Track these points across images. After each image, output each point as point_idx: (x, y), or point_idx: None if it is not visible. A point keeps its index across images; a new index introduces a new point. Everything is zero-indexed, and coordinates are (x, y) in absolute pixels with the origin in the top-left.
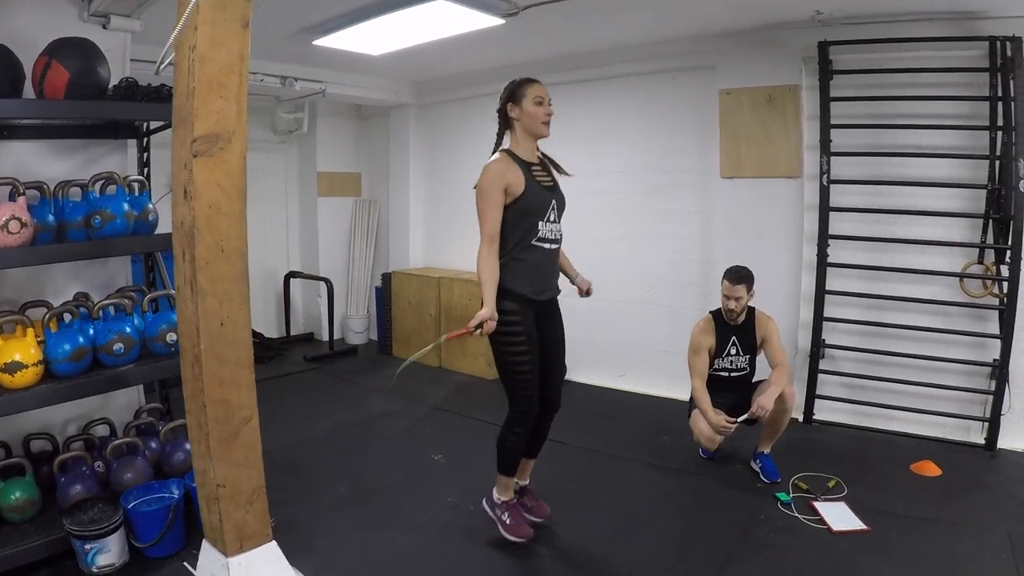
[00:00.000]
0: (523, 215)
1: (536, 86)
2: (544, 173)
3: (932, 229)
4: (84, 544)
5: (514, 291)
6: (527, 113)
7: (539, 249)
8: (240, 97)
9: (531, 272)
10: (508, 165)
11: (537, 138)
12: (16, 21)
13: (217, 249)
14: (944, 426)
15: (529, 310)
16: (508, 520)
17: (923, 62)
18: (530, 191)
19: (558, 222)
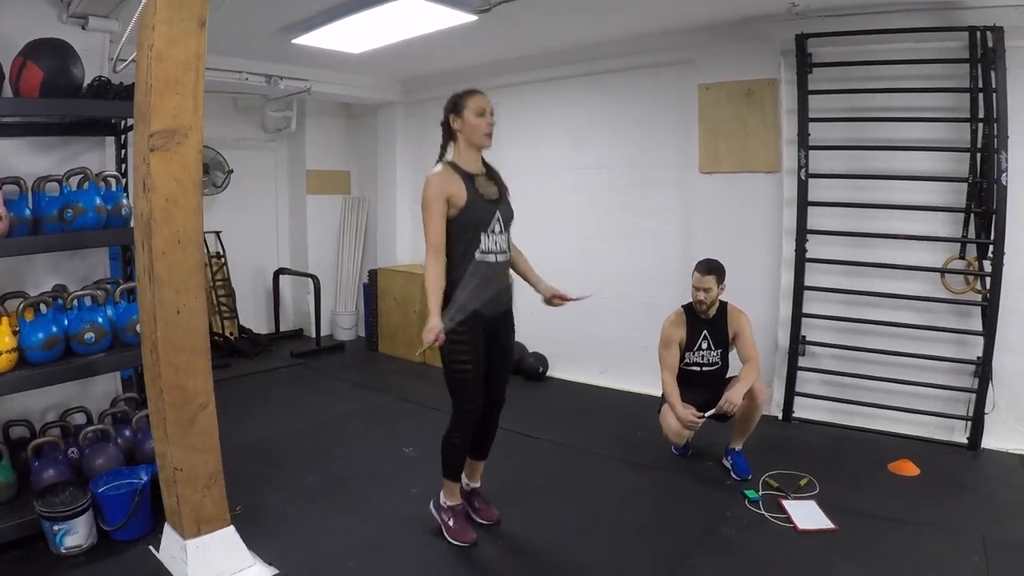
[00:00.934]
0: (465, 228)
1: (477, 97)
2: (490, 184)
3: (913, 224)
4: (53, 525)
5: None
6: (468, 124)
7: (484, 263)
8: (196, 94)
9: (477, 287)
10: (449, 176)
11: (480, 149)
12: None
13: (174, 240)
14: (927, 425)
15: (476, 322)
16: (452, 524)
17: (903, 54)
18: (472, 203)
19: (504, 233)
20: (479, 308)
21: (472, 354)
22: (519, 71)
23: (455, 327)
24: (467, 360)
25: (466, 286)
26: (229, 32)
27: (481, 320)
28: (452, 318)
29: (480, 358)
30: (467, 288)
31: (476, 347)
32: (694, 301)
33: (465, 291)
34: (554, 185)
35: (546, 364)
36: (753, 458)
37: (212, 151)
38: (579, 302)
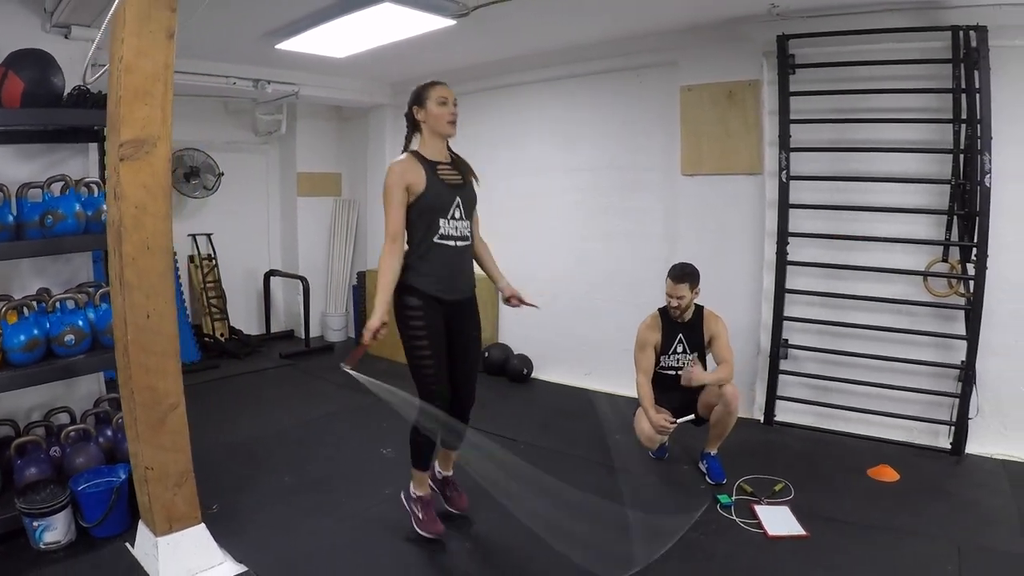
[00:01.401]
0: (424, 212)
1: (439, 87)
2: (452, 171)
3: (896, 226)
4: (33, 521)
5: (418, 289)
6: (431, 114)
7: (443, 247)
8: (165, 104)
9: (436, 271)
10: (410, 165)
11: (444, 137)
12: None
13: (143, 246)
14: (910, 430)
15: (435, 307)
16: (421, 515)
17: (886, 54)
18: (431, 189)
19: (464, 219)
20: (434, 292)
21: (429, 339)
22: (507, 73)
23: (411, 308)
24: (425, 347)
25: (424, 272)
26: (215, 38)
27: (440, 306)
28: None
29: (440, 344)
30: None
31: (433, 331)
32: (668, 307)
33: (423, 277)
34: (543, 187)
35: (530, 366)
36: (731, 462)
37: (202, 154)
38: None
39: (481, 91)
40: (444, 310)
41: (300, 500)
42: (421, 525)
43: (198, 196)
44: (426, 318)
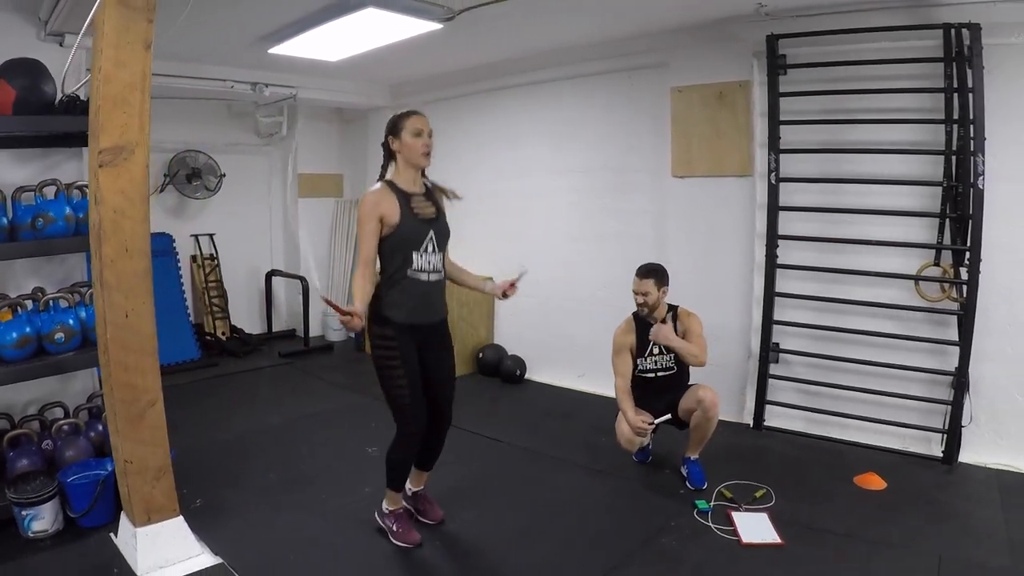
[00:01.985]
0: (397, 246)
1: (415, 118)
2: (427, 203)
3: (887, 229)
4: (21, 511)
5: (391, 320)
6: (406, 145)
7: (415, 281)
8: (143, 112)
9: (408, 302)
10: (384, 196)
11: (418, 168)
12: None
13: (122, 249)
14: (903, 437)
15: (407, 336)
16: (396, 528)
17: (877, 54)
18: (404, 223)
19: (437, 252)
20: (406, 320)
21: (403, 367)
22: (500, 76)
23: (385, 338)
24: (400, 376)
25: (398, 303)
26: (211, 43)
27: (413, 332)
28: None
29: (414, 371)
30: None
31: (407, 359)
32: (636, 305)
33: (396, 308)
34: (536, 188)
35: (524, 367)
36: (716, 467)
37: (204, 156)
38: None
39: (476, 94)
40: (417, 336)
41: (282, 496)
42: (397, 536)
43: (200, 197)
44: (400, 347)
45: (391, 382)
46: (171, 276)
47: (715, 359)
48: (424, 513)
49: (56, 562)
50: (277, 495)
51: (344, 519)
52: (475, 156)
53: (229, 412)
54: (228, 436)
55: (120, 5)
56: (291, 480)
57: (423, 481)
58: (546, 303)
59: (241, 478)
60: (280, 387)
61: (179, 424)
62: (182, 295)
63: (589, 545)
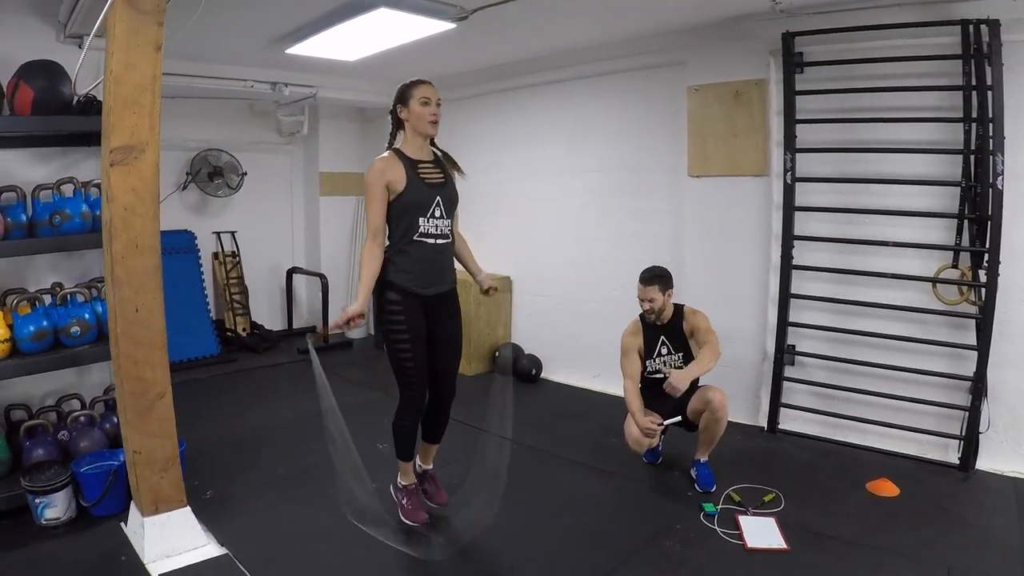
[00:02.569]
0: (404, 211)
1: (423, 87)
2: (435, 170)
3: (904, 230)
4: (35, 498)
5: (397, 284)
6: (414, 113)
7: (422, 244)
8: (153, 112)
9: (415, 267)
10: (391, 163)
11: (426, 137)
12: (1, 46)
13: (132, 245)
14: (920, 443)
15: (414, 302)
16: (406, 503)
17: (894, 51)
18: (411, 188)
19: (445, 218)
20: (413, 287)
21: (409, 331)
22: (518, 75)
23: (391, 303)
24: (405, 341)
25: (403, 267)
26: (229, 44)
27: (419, 299)
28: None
29: (419, 336)
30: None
31: (413, 324)
32: (643, 311)
33: (402, 272)
34: (551, 188)
35: (540, 366)
36: (727, 470)
37: (227, 154)
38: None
39: (493, 93)
40: (424, 304)
41: (291, 489)
42: (405, 513)
43: (221, 195)
44: (405, 312)
45: (395, 347)
46: (192, 273)
47: (730, 360)
48: (430, 495)
49: (67, 549)
50: (286, 489)
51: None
52: (493, 156)
53: (245, 407)
54: (242, 430)
55: (130, 8)
56: (300, 474)
57: (431, 457)
58: (562, 303)
59: (252, 471)
60: (297, 383)
61: (194, 418)
62: (203, 291)
63: (590, 545)
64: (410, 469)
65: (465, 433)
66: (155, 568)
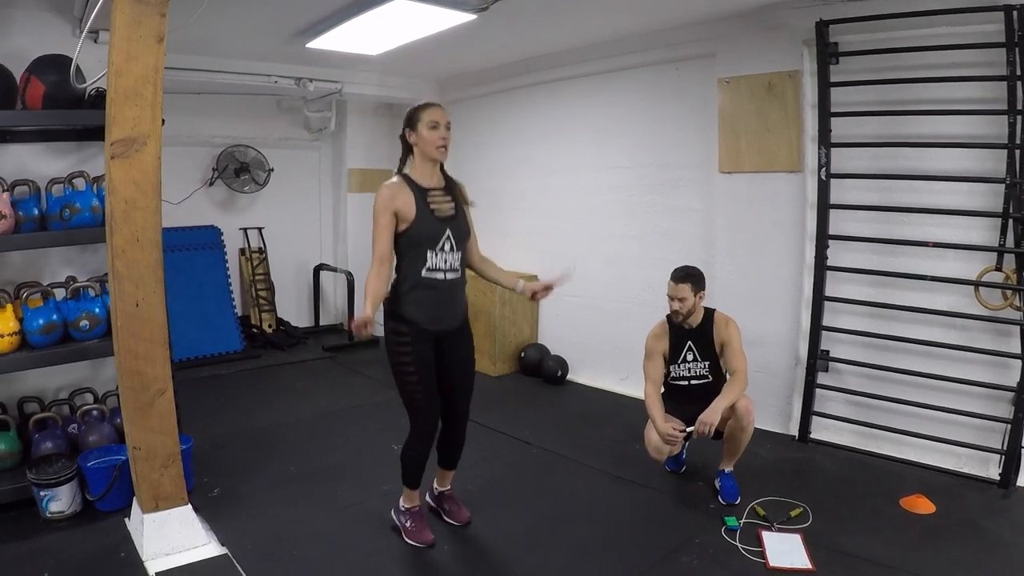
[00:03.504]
0: (412, 244)
1: (431, 110)
2: (445, 199)
3: (945, 230)
4: (40, 491)
5: (407, 318)
6: (422, 138)
7: (432, 281)
8: (155, 104)
9: (424, 304)
10: (400, 190)
11: (435, 162)
12: (17, 40)
13: (133, 239)
14: (958, 456)
15: (424, 335)
16: (410, 526)
17: (934, 40)
18: (420, 219)
19: (456, 251)
20: (423, 323)
21: (416, 365)
22: (546, 69)
23: (400, 335)
24: (413, 374)
25: (412, 302)
26: (250, 38)
27: (427, 334)
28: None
29: (428, 366)
30: (412, 304)
31: (421, 359)
32: (670, 310)
33: (411, 307)
34: (579, 185)
35: (566, 368)
36: (753, 481)
37: (253, 150)
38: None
39: (522, 88)
40: (434, 336)
41: (300, 489)
42: (410, 535)
43: (248, 191)
44: (414, 345)
45: (404, 379)
46: (218, 268)
47: (761, 366)
48: (451, 514)
49: (68, 542)
50: (294, 488)
51: (356, 516)
52: (520, 152)
53: (263, 404)
54: (257, 427)
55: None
56: (310, 474)
57: (448, 480)
58: (590, 303)
59: (262, 470)
60: (319, 380)
61: (211, 414)
62: (228, 287)
63: (603, 557)
64: (415, 495)
65: (484, 437)
66: (153, 566)
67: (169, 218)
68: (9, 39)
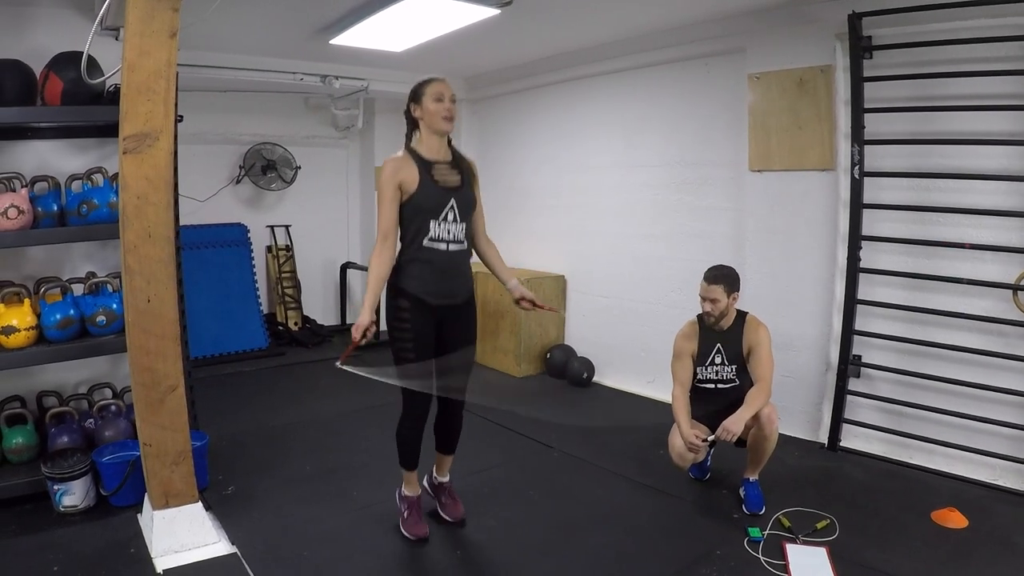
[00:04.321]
0: (415, 213)
1: (436, 84)
2: (451, 171)
3: (983, 231)
4: (54, 485)
5: (407, 291)
6: (427, 111)
7: (434, 250)
8: (168, 99)
9: (426, 275)
10: (404, 163)
11: (441, 135)
12: (39, 38)
13: (145, 234)
14: (994, 468)
15: (424, 309)
16: (406, 515)
17: (973, 32)
18: (423, 189)
19: (460, 221)
20: (424, 296)
21: (414, 341)
22: (574, 66)
23: (400, 309)
24: (409, 346)
25: (414, 274)
26: (273, 35)
27: (428, 308)
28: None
29: (426, 344)
30: (414, 276)
31: (420, 331)
32: (702, 312)
33: (412, 279)
34: (609, 183)
35: (592, 370)
36: (779, 490)
37: (280, 148)
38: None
39: (549, 85)
40: (435, 313)
41: (314, 489)
42: (405, 526)
43: (275, 189)
44: (413, 320)
45: (399, 353)
46: (243, 265)
47: (790, 370)
48: (446, 507)
49: (79, 536)
50: (309, 488)
51: (368, 517)
52: (547, 151)
53: (284, 402)
54: (276, 425)
55: None
56: (325, 473)
57: (446, 468)
58: (618, 304)
59: (277, 468)
60: (341, 379)
61: (232, 411)
62: (254, 284)
63: (617, 568)
64: (414, 479)
65: (505, 438)
66: (161, 563)
67: (196, 215)
68: (31, 36)
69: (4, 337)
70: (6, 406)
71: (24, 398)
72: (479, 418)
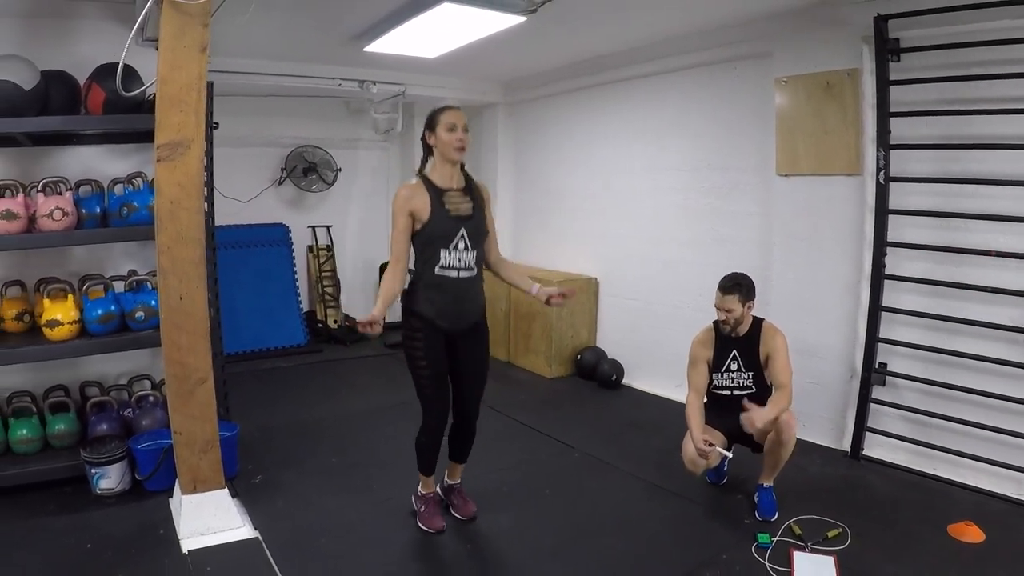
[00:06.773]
0: (427, 242)
1: (449, 113)
2: (462, 200)
3: (1012, 238)
4: (91, 469)
5: (420, 314)
6: (440, 140)
7: (444, 278)
8: (199, 110)
9: (438, 302)
10: (416, 191)
11: (453, 163)
12: (83, 50)
13: (178, 236)
14: (1019, 482)
15: (436, 331)
16: (422, 509)
17: (1002, 33)
18: (435, 218)
19: (471, 250)
20: (435, 319)
21: (427, 359)
22: (604, 70)
23: (414, 330)
24: (424, 367)
25: (426, 299)
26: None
27: (440, 330)
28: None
29: (439, 360)
30: (426, 301)
31: (432, 353)
32: (720, 322)
33: (424, 303)
34: (638, 187)
35: (621, 372)
36: (795, 497)
37: (321, 151)
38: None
39: (580, 90)
40: (447, 334)
41: (338, 481)
42: (422, 520)
43: (316, 190)
44: (426, 340)
45: (416, 372)
46: (285, 264)
47: (814, 377)
48: (457, 508)
49: (113, 518)
50: (333, 479)
51: (388, 511)
52: (579, 154)
53: (318, 397)
54: (308, 419)
55: (176, 11)
56: (351, 466)
57: (458, 474)
58: (648, 307)
59: (305, 460)
60: (377, 376)
61: (266, 404)
62: (294, 283)
63: (624, 569)
64: (431, 482)
65: (527, 438)
66: (187, 544)
67: (238, 215)
68: (76, 48)
69: (49, 330)
70: (51, 395)
71: (68, 387)
72: (506, 417)
